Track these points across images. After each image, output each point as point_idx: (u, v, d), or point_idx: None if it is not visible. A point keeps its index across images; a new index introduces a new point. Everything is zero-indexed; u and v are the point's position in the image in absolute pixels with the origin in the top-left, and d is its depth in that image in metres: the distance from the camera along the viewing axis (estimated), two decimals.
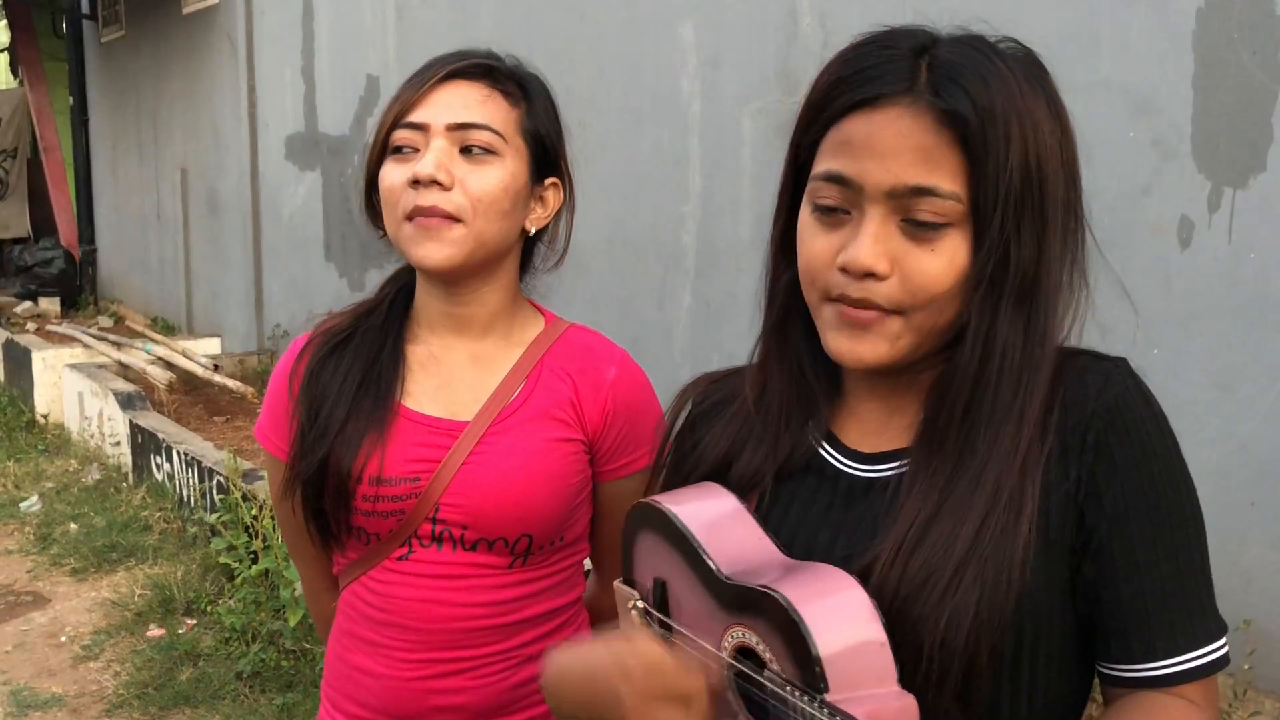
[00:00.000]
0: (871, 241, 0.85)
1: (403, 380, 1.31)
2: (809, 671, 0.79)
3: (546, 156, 1.32)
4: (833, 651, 0.79)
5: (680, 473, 1.05)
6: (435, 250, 1.23)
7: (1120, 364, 0.90)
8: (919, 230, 0.85)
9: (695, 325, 4.05)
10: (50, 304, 9.98)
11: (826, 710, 0.75)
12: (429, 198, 1.22)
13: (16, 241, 10.98)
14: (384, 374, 1.30)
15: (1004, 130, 0.84)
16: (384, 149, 1.27)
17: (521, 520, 1.27)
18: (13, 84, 12.07)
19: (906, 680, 0.81)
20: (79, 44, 10.18)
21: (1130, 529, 0.86)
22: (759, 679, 0.83)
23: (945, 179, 0.84)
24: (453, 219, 1.23)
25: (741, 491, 0.98)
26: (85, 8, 9.99)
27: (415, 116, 1.25)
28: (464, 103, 1.25)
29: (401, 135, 1.25)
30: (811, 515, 0.95)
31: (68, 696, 3.60)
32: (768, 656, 0.83)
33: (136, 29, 8.97)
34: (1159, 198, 2.66)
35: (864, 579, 0.84)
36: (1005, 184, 0.84)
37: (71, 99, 10.27)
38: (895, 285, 0.86)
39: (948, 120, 0.84)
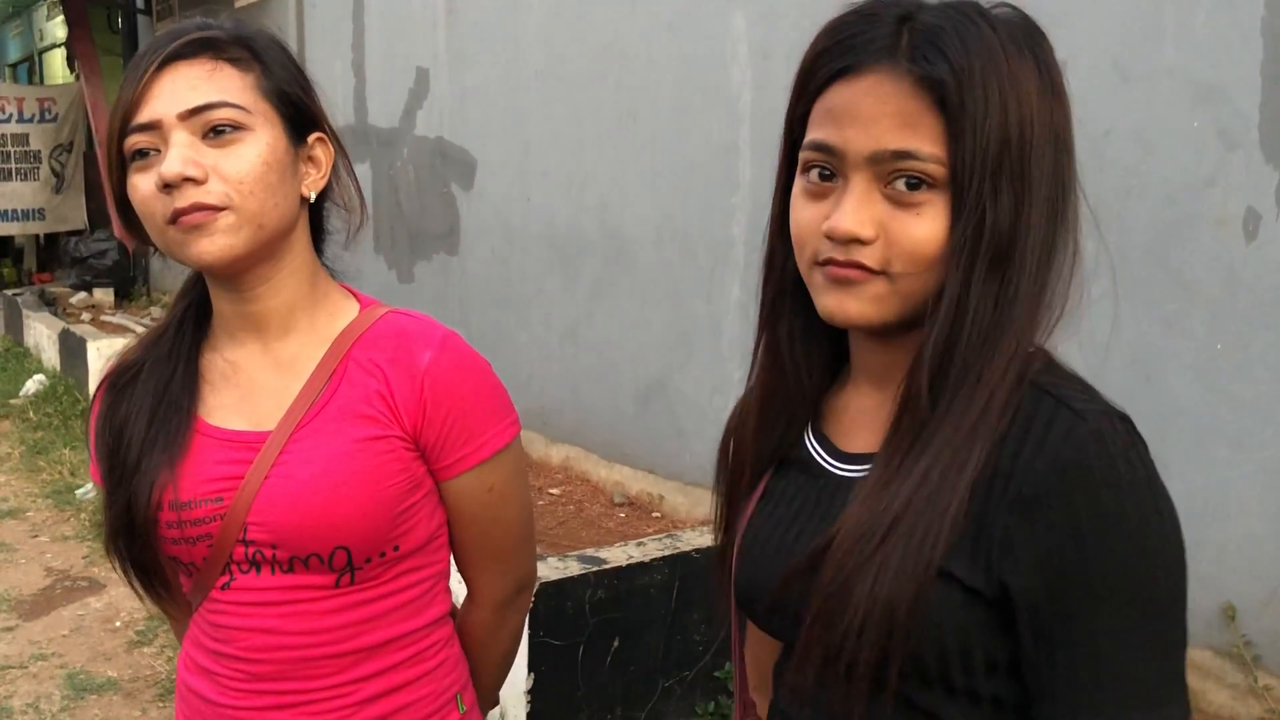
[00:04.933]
0: (855, 207, 0.85)
1: (201, 397, 1.22)
2: None
3: (300, 114, 1.20)
4: None
5: (732, 504, 1.06)
6: (209, 244, 1.13)
7: (1092, 420, 0.82)
8: (903, 194, 0.85)
9: (745, 318, 4.03)
10: (104, 295, 10.15)
11: None
12: (186, 198, 1.11)
13: (73, 233, 11.19)
14: (178, 397, 1.21)
15: (983, 93, 0.83)
16: (122, 160, 1.15)
17: (330, 532, 1.16)
18: (69, 79, 12.29)
19: (832, 643, 0.83)
20: (134, 38, 10.34)
21: (1068, 599, 0.81)
22: None
23: (925, 142, 0.84)
24: (217, 210, 1.12)
25: (741, 480, 1.01)
26: (140, 3, 10.14)
27: (143, 116, 1.13)
28: (189, 85, 1.13)
29: (135, 140, 1.13)
30: (790, 513, 0.96)
31: (122, 681, 3.66)
32: None
33: None
34: (1224, 189, 2.59)
35: (825, 550, 0.86)
36: (983, 147, 0.83)
37: None
38: (880, 249, 0.86)
39: (926, 84, 0.84)
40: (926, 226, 0.84)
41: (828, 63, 0.88)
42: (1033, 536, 0.81)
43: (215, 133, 1.13)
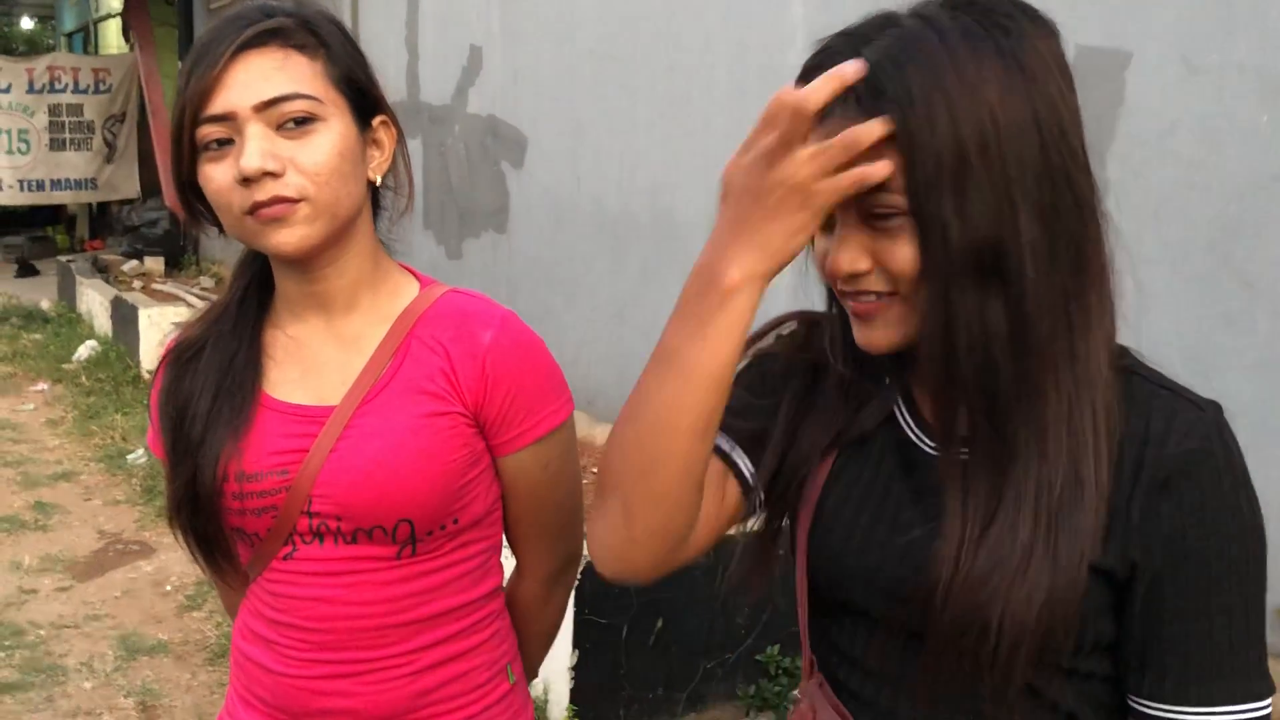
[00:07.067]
0: (840, 247, 0.90)
1: (264, 371, 1.24)
2: None
3: (364, 98, 1.21)
4: None
5: (759, 392, 1.06)
6: (288, 235, 1.15)
7: (1210, 410, 0.90)
8: (880, 224, 0.88)
9: (793, 304, 4.01)
10: (155, 263, 10.29)
11: None
12: (265, 191, 1.13)
13: (124, 202, 11.35)
14: (242, 371, 1.24)
15: (925, 112, 0.83)
16: (193, 148, 1.16)
17: (395, 505, 1.19)
18: (124, 49, 12.43)
19: (989, 635, 0.85)
20: (189, 10, 10.43)
21: (1188, 575, 0.88)
22: None
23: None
24: (295, 201, 1.14)
25: (814, 451, 1.01)
26: None
27: (216, 107, 1.13)
28: (263, 76, 1.14)
29: (209, 130, 1.14)
30: (879, 484, 0.98)
31: (173, 644, 3.73)
32: None
33: None
34: None
35: (932, 584, 0.88)
36: (934, 165, 0.83)
37: (180, 64, 10.51)
38: (883, 274, 0.89)
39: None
40: (905, 250, 0.87)
41: None
42: (1160, 516, 0.87)
43: (291, 124, 1.14)
